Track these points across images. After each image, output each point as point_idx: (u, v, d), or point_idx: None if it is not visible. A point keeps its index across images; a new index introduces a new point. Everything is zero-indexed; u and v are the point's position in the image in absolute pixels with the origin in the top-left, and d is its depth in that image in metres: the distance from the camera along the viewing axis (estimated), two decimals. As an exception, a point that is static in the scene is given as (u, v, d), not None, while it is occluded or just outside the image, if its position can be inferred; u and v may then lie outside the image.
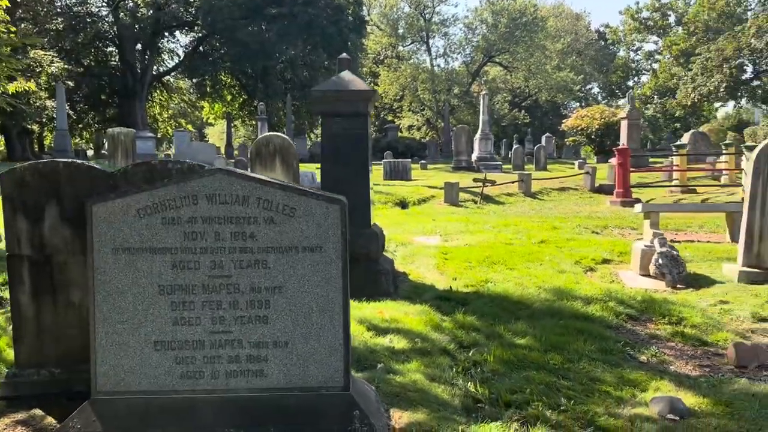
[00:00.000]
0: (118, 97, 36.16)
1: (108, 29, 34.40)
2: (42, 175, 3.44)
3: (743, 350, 4.08)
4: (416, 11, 45.90)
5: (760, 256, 6.10)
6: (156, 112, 42.84)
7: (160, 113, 44.08)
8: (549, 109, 53.21)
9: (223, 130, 62.66)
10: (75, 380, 3.53)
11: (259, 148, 8.45)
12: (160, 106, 43.47)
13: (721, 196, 14.20)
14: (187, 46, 38.88)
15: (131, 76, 33.69)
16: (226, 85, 41.42)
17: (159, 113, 43.85)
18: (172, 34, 38.15)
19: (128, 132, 14.46)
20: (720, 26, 45.85)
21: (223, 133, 63.19)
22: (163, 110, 44.37)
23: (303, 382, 3.00)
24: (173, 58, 40.40)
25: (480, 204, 13.75)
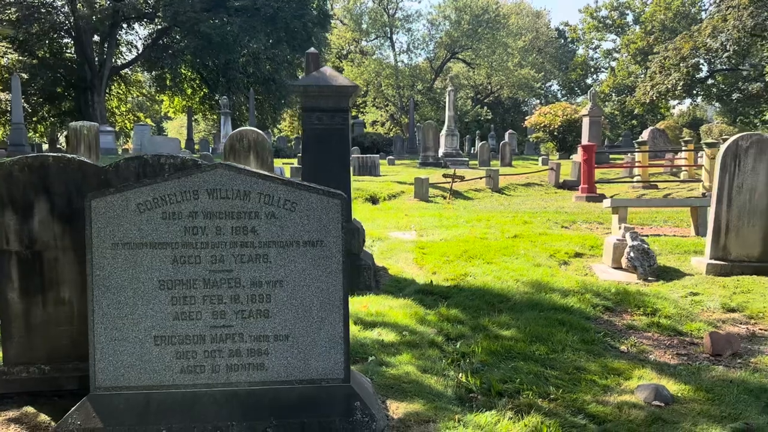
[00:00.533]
0: (75, 89, 35.21)
1: (64, 20, 33.44)
2: (31, 170, 3.38)
3: (718, 339, 4.26)
4: (380, 6, 45.95)
5: (726, 249, 6.34)
6: (113, 105, 41.87)
7: (117, 107, 43.09)
8: (510, 106, 53.95)
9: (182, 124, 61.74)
10: (65, 378, 3.49)
11: (233, 143, 8.37)
12: (118, 100, 42.50)
13: (681, 191, 14.66)
14: (146, 38, 38.03)
15: (89, 69, 32.83)
16: (186, 78, 40.71)
17: (117, 107, 42.86)
18: (131, 26, 37.29)
19: (91, 126, 14.12)
20: (675, 26, 47.23)
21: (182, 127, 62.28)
22: (121, 104, 43.39)
23: (304, 375, 3.03)
24: (132, 50, 39.57)
25: (449, 199, 13.89)
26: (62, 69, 34.84)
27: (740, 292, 5.64)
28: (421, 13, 55.98)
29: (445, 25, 46.82)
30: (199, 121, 49.79)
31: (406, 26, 47.66)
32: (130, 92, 42.95)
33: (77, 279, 3.45)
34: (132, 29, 37.87)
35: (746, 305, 5.29)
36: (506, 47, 45.68)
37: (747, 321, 5.02)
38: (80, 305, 3.47)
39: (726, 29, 27.04)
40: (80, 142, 13.69)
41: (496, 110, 52.73)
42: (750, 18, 26.17)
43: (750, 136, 6.34)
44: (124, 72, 39.08)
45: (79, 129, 13.82)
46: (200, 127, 56.71)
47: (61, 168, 3.41)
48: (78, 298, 3.46)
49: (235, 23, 32.17)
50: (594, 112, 22.55)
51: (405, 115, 43.61)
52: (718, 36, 27.17)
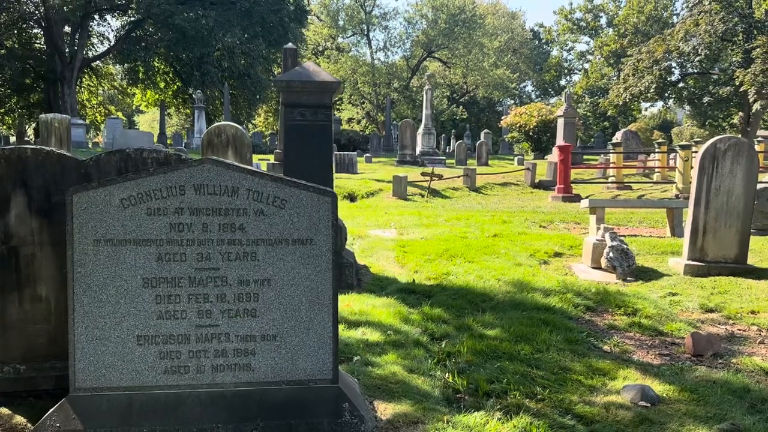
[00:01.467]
0: (44, 81, 34.45)
1: (34, 10, 32.67)
2: (8, 162, 3.26)
3: (699, 340, 4.30)
4: (356, 3, 45.81)
5: (703, 250, 6.43)
6: (84, 98, 41.07)
7: (88, 99, 42.29)
8: (485, 106, 54.24)
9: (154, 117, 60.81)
10: (42, 377, 3.38)
11: (211, 138, 8.23)
12: (89, 92, 41.70)
13: (655, 192, 14.87)
14: (118, 30, 37.36)
15: (59, 60, 32.13)
16: (159, 71, 40.14)
17: (87, 99, 42.07)
18: (103, 18, 36.62)
19: (63, 118, 13.78)
20: (648, 29, 47.91)
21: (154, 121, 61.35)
22: (91, 96, 42.59)
23: (291, 376, 2.98)
24: (104, 42, 38.85)
25: (427, 198, 13.89)
26: (31, 60, 34.06)
27: (718, 293, 5.72)
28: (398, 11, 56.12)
29: (422, 23, 46.89)
30: (172, 115, 49.07)
31: (383, 24, 47.65)
32: (101, 85, 42.17)
33: (55, 275, 3.34)
34: (104, 20, 37.19)
35: (724, 306, 5.36)
36: (482, 47, 45.90)
37: (725, 321, 5.08)
38: (58, 303, 3.36)
39: (698, 33, 27.53)
40: (51, 135, 13.36)
41: (472, 110, 53.00)
42: (721, 23, 26.68)
43: (728, 139, 6.43)
44: (95, 64, 38.34)
45: (50, 121, 13.48)
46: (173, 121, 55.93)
47: (40, 161, 3.29)
48: (56, 295, 3.35)
49: (210, 16, 31.77)
50: (569, 113, 22.73)
51: (381, 112, 43.60)
52: (690, 40, 27.65)
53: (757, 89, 24.57)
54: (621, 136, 24.06)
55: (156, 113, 54.39)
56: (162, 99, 41.17)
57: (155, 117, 59.24)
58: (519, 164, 21.47)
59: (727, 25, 26.49)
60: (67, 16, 31.30)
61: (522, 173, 18.07)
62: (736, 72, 26.10)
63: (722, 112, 36.77)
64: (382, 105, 42.32)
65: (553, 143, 24.57)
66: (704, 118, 38.13)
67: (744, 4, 27.69)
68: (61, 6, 29.43)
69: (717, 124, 40.21)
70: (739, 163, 6.35)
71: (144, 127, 62.45)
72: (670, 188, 14.83)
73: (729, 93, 28.75)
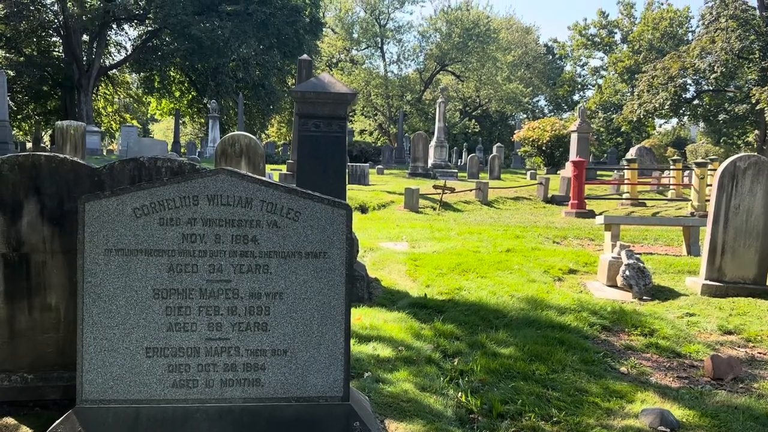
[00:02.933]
0: (61, 88, 34.83)
1: (53, 18, 33.08)
2: (21, 169, 3.24)
3: (720, 363, 4.19)
4: (371, 16, 46.02)
5: (721, 270, 6.31)
6: (100, 105, 41.45)
7: (104, 107, 42.68)
8: (498, 120, 54.19)
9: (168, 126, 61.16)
10: (50, 387, 3.34)
11: (225, 148, 8.23)
12: (105, 100, 42.10)
13: (670, 209, 14.71)
14: (135, 39, 37.75)
15: (77, 68, 32.47)
16: (175, 81, 40.51)
17: (103, 107, 42.45)
18: (121, 27, 37.03)
19: (78, 126, 13.88)
20: (663, 46, 47.82)
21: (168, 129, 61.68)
22: (107, 104, 42.98)
23: (301, 392, 2.91)
24: (120, 51, 39.25)
25: (439, 211, 13.82)
26: (49, 67, 34.44)
27: (736, 314, 5.59)
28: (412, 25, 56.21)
29: (435, 37, 46.98)
30: (186, 124, 49.39)
31: (397, 37, 47.78)
32: (117, 93, 42.55)
33: (66, 284, 3.31)
34: (122, 30, 37.58)
35: (743, 328, 5.24)
36: (495, 61, 45.90)
37: (745, 344, 4.96)
38: (68, 312, 3.32)
39: (714, 51, 27.39)
40: (66, 142, 13.45)
41: (484, 123, 52.95)
42: (738, 41, 26.53)
43: (748, 157, 6.33)
44: (112, 72, 38.73)
45: (66, 128, 13.58)
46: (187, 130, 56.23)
47: (53, 168, 3.27)
48: (66, 304, 3.32)
49: (226, 27, 32.04)
50: (583, 128, 22.62)
51: (393, 125, 43.65)
52: (706, 57, 27.51)
53: (773, 107, 24.38)
54: (635, 152, 23.93)
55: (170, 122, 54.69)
56: (177, 108, 41.45)
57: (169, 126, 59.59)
58: (531, 179, 21.36)
59: (743, 43, 26.33)
60: (86, 25, 31.71)
61: (535, 188, 17.96)
62: (752, 90, 25.89)
63: (737, 130, 36.49)
64: (395, 117, 42.37)
65: (565, 158, 24.45)
66: (719, 136, 37.87)
67: (761, 22, 27.53)
68: (80, 15, 29.82)
69: (732, 141, 39.89)
70: (760, 182, 6.24)
71: (158, 135, 62.87)
72: (685, 206, 14.67)
73: (745, 111, 28.53)
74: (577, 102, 59.97)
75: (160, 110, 45.83)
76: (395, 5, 46.36)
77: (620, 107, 49.91)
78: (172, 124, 45.28)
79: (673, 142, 46.10)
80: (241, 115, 32.87)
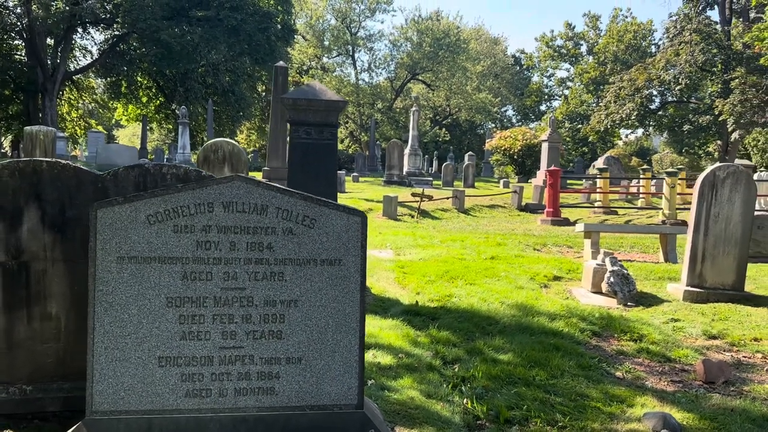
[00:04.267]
0: (24, 93, 33.97)
1: (16, 21, 32.30)
2: (22, 175, 3.16)
3: (711, 367, 4.29)
4: (342, 24, 46.07)
5: (702, 277, 6.46)
6: (64, 111, 40.54)
7: (68, 112, 41.77)
8: (467, 129, 54.68)
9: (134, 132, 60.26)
10: (49, 399, 3.25)
11: (207, 155, 8.14)
12: (69, 105, 41.21)
13: (641, 218, 15.02)
14: (102, 43, 37.06)
15: (41, 72, 31.73)
16: (142, 86, 39.86)
17: (67, 112, 41.54)
18: (87, 31, 36.35)
19: (48, 131, 13.55)
20: (627, 58, 48.88)
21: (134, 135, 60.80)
22: (71, 109, 42.08)
23: (316, 401, 2.89)
24: (86, 55, 38.50)
25: (417, 218, 13.86)
26: (11, 71, 33.54)
27: (719, 320, 5.74)
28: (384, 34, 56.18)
29: (406, 46, 47.25)
30: (153, 130, 48.69)
31: (368, 45, 47.91)
32: (82, 98, 41.69)
33: (67, 293, 3.23)
34: (88, 34, 36.87)
35: (726, 333, 5.37)
36: (465, 71, 46.35)
37: (730, 348, 5.08)
38: (68, 321, 3.25)
39: (678, 63, 28.14)
40: (36, 147, 13.11)
41: (454, 132, 53.37)
42: (701, 54, 27.31)
43: (727, 167, 6.51)
44: (77, 77, 37.96)
45: (35, 133, 13.25)
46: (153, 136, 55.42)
47: (55, 174, 3.20)
48: (66, 313, 3.24)
49: (196, 33, 31.68)
50: (553, 137, 22.97)
51: (365, 132, 43.71)
52: (671, 69, 28.24)
53: (735, 119, 25.12)
54: (604, 162, 24.38)
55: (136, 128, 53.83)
56: (144, 114, 40.82)
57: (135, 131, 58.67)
58: (504, 187, 21.59)
59: (706, 56, 27.13)
60: (51, 29, 31.02)
61: (508, 196, 18.16)
62: (715, 102, 26.68)
63: (698, 140, 37.49)
64: (366, 125, 42.45)
65: (536, 167, 24.78)
66: (681, 146, 38.82)
67: (723, 37, 28.40)
68: (45, 18, 29.17)
69: (693, 151, 40.97)
70: (738, 191, 6.42)
71: (124, 141, 61.83)
72: (656, 214, 15.00)
73: (708, 122, 29.36)
74: (544, 112, 60.89)
75: (127, 116, 45.03)
76: (366, 14, 46.52)
77: (586, 118, 50.87)
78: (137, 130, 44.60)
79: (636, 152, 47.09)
80: (210, 122, 32.53)
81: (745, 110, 24.79)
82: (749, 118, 24.93)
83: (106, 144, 26.79)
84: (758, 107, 24.63)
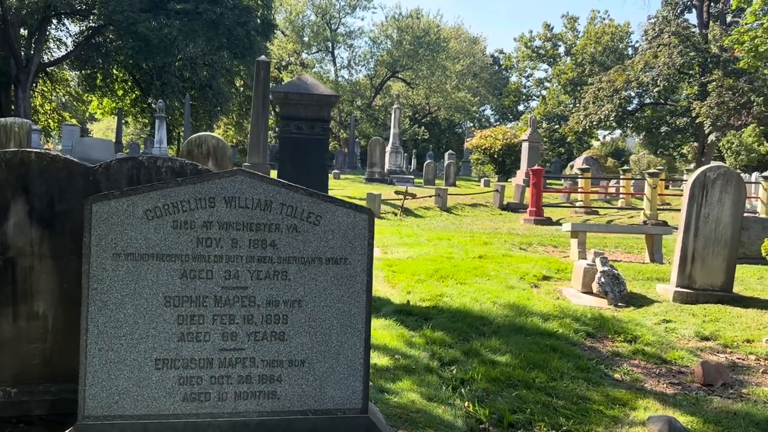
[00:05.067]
0: (-5, 84, 33.17)
1: (-13, 11, 31.49)
2: (8, 166, 2.99)
3: (709, 369, 4.26)
4: (322, 20, 45.84)
5: (692, 278, 6.47)
6: (37, 103, 39.67)
7: (41, 105, 40.89)
8: (446, 127, 54.79)
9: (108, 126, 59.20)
10: (35, 403, 3.09)
11: (191, 149, 7.91)
12: (42, 97, 40.34)
13: (622, 218, 15.12)
14: (77, 35, 36.32)
15: (14, 64, 30.99)
16: (118, 79, 39.17)
17: (40, 104, 40.66)
18: (62, 22, 35.59)
19: (23, 123, 13.13)
20: (605, 59, 49.40)
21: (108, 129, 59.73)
22: (45, 102, 41.20)
23: (319, 405, 2.78)
24: (60, 47, 37.69)
25: (401, 216, 13.78)
26: (-18, 62, 32.73)
27: (710, 321, 5.74)
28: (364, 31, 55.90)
29: (386, 43, 47.17)
30: (129, 123, 47.91)
31: (348, 42, 47.77)
32: (56, 90, 40.84)
33: (55, 290, 3.07)
34: (63, 25, 36.11)
35: (719, 334, 5.37)
36: (445, 70, 46.44)
37: (723, 350, 5.08)
38: (56, 320, 3.09)
39: (657, 65, 28.45)
40: (10, 140, 12.72)
41: (433, 131, 53.43)
42: (679, 56, 27.64)
43: (718, 168, 6.53)
44: (51, 69, 37.16)
45: (10, 125, 12.83)
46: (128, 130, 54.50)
47: (44, 166, 3.03)
48: (54, 312, 3.08)
49: (174, 26, 31.18)
50: (534, 137, 23.09)
51: (344, 129, 43.53)
52: (649, 71, 28.56)
53: (712, 121, 25.48)
54: (583, 162, 24.57)
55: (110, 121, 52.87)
56: (120, 107, 40.12)
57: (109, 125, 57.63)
58: (485, 186, 21.63)
59: (684, 59, 27.47)
60: (25, 19, 30.29)
61: (490, 195, 18.18)
62: (693, 104, 27.03)
63: (673, 142, 38.01)
64: (345, 122, 42.27)
65: (516, 166, 24.87)
66: (656, 147, 39.34)
67: (701, 40, 28.78)
68: (19, 8, 28.47)
69: (668, 153, 41.55)
70: (728, 192, 6.44)
71: (98, 134, 60.73)
72: (636, 214, 15.10)
73: (685, 123, 29.76)
74: (522, 112, 61.29)
75: (102, 109, 44.25)
76: (346, 10, 46.36)
77: (563, 118, 51.28)
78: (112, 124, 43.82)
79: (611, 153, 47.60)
80: (187, 116, 32.07)
81: (722, 113, 25.16)
82: (726, 120, 25.31)
83: (81, 137, 26.21)
84: (734, 110, 25.01)
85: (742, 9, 23.50)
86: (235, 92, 41.66)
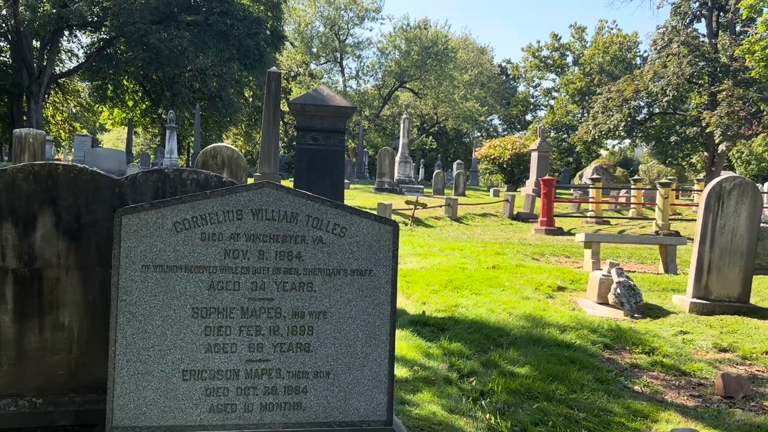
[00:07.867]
0: (8, 95, 33.49)
1: (2, 23, 31.87)
2: (37, 179, 3.03)
3: (730, 381, 4.24)
4: (331, 31, 46.09)
5: (708, 289, 6.44)
6: (49, 114, 40.03)
7: (53, 115, 41.26)
8: (454, 137, 54.86)
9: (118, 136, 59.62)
10: (59, 413, 3.11)
11: (206, 159, 7.98)
12: (54, 108, 40.72)
13: (634, 228, 15.06)
14: (89, 47, 36.69)
15: (27, 75, 31.32)
16: (128, 90, 39.50)
17: (52, 115, 41.02)
18: (73, 34, 35.98)
19: (38, 134, 13.33)
20: (613, 69, 49.39)
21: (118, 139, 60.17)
22: (56, 112, 41.58)
23: (343, 416, 2.79)
24: (72, 58, 38.10)
25: (411, 226, 13.79)
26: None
27: (727, 332, 5.70)
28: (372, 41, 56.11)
29: (394, 54, 47.36)
30: (139, 134, 48.25)
31: (356, 53, 48.01)
32: (67, 101, 41.21)
33: (80, 302, 3.10)
34: (75, 37, 36.50)
35: (737, 346, 5.34)
36: (453, 80, 46.56)
37: (742, 362, 5.05)
38: (81, 332, 3.11)
39: (666, 75, 28.42)
40: (25, 150, 12.89)
41: (440, 140, 53.53)
42: (688, 66, 27.60)
43: (733, 178, 6.51)
44: (62, 80, 37.52)
45: (25, 136, 13.02)
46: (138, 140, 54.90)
47: (71, 179, 3.07)
48: (80, 323, 3.11)
49: (184, 37, 31.47)
50: (543, 147, 23.07)
51: (352, 139, 43.63)
52: (658, 81, 28.52)
53: (722, 131, 25.40)
54: (593, 172, 24.51)
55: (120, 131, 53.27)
56: (130, 118, 40.42)
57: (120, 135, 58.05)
58: (494, 195, 21.61)
59: (693, 68, 27.43)
60: (38, 31, 30.63)
61: (500, 205, 18.17)
62: (703, 113, 26.96)
63: (682, 152, 37.88)
64: (354, 132, 42.37)
65: (525, 176, 24.85)
66: (665, 157, 39.24)
67: (710, 49, 28.75)
68: (32, 20, 28.80)
69: (677, 162, 41.39)
70: (744, 203, 6.42)
71: (108, 145, 61.23)
72: (648, 224, 15.05)
73: (695, 133, 29.68)
74: (530, 122, 61.26)
75: (112, 119, 44.59)
76: (355, 21, 46.60)
77: (572, 128, 51.24)
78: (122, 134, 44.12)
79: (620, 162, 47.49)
80: (197, 127, 32.25)
81: (732, 122, 25.08)
82: (736, 130, 25.22)
83: (92, 148, 26.39)
84: (745, 119, 24.92)
85: (752, 18, 23.46)
86: (245, 103, 41.91)
